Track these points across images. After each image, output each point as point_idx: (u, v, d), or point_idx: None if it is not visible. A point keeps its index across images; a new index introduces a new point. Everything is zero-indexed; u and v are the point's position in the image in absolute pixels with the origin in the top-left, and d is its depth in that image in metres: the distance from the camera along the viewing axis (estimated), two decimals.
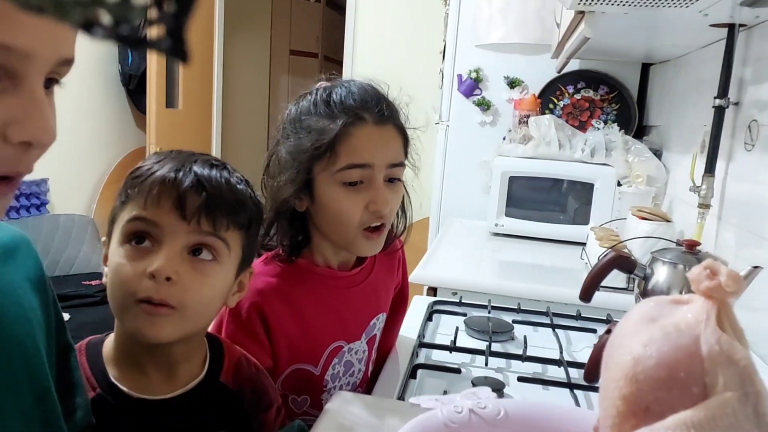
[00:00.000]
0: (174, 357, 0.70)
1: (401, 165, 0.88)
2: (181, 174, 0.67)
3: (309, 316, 0.90)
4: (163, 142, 3.09)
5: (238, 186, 0.71)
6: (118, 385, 0.68)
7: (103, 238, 0.72)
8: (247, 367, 0.78)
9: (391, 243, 0.97)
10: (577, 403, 0.89)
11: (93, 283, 2.75)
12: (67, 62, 0.43)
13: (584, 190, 1.91)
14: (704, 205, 1.29)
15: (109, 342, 0.72)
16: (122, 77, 3.26)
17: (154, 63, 3.00)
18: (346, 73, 3.09)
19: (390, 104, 0.88)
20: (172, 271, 0.64)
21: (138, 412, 0.68)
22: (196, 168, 0.68)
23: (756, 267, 0.86)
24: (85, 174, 3.18)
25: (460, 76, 2.29)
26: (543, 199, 1.99)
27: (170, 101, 3.24)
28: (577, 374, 0.98)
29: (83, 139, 3.06)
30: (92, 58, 3.07)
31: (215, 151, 3.75)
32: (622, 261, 0.95)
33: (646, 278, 0.93)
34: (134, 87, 3.25)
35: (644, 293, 0.92)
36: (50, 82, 0.43)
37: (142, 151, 3.16)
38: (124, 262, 0.66)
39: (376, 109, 0.85)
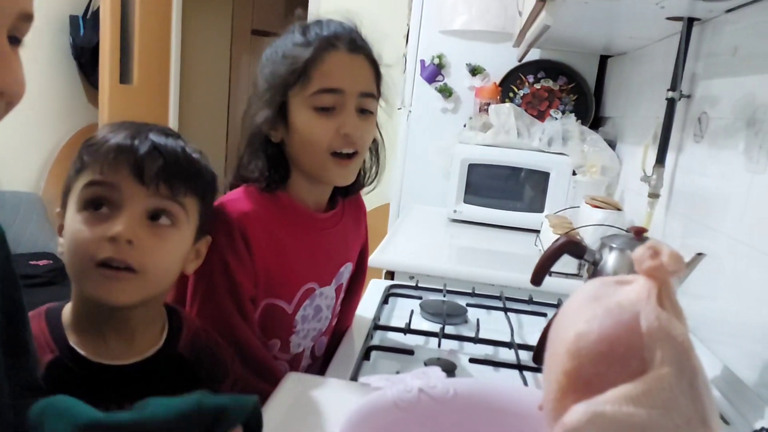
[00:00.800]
0: (133, 323, 0.71)
1: (373, 96, 0.90)
2: (137, 141, 0.68)
3: (287, 249, 0.92)
4: (117, 119, 2.93)
5: (193, 155, 0.73)
6: (77, 349, 0.68)
7: (57, 209, 0.71)
8: (205, 339, 0.79)
9: (361, 186, 1.02)
10: (526, 384, 0.91)
11: (41, 263, 2.66)
12: (27, 18, 0.43)
13: (540, 179, 1.94)
14: (654, 195, 1.33)
15: (68, 309, 0.71)
16: (73, 50, 3.12)
17: (108, 36, 2.89)
18: None
19: (362, 37, 0.91)
20: (133, 235, 0.65)
21: (95, 377, 0.68)
22: (152, 136, 0.69)
23: (700, 254, 0.89)
24: (33, 150, 3.06)
25: (423, 62, 2.29)
26: (501, 186, 2.02)
27: (124, 77, 3.12)
28: (526, 356, 1.00)
29: (31, 114, 2.93)
30: (42, 29, 2.94)
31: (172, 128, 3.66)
32: (572, 246, 0.97)
33: (595, 263, 0.95)
34: (86, 61, 3.13)
35: (593, 278, 0.94)
36: (12, 40, 0.43)
37: (94, 128, 3.04)
38: (82, 227, 0.66)
39: (349, 38, 0.88)
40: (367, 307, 1.20)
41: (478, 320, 1.13)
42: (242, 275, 0.87)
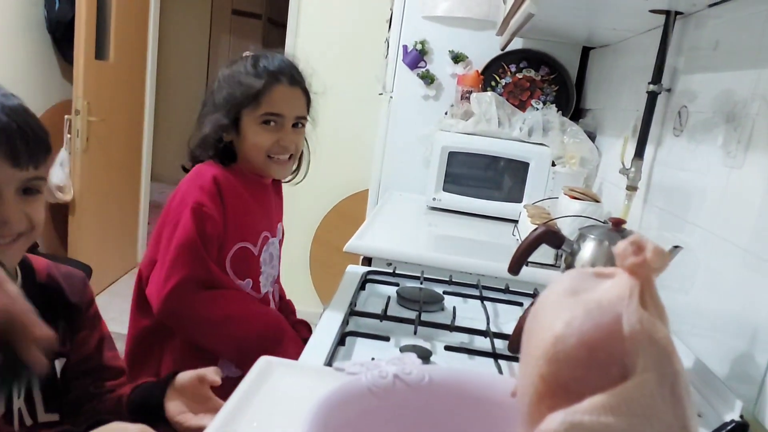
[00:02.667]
0: None
1: (304, 118, 1.22)
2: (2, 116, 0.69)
3: (248, 201, 1.19)
4: (92, 96, 2.92)
5: (34, 116, 0.76)
6: None
7: None
8: (57, 269, 0.87)
9: (294, 176, 1.31)
10: (501, 372, 0.91)
11: None
12: None
13: (520, 169, 1.95)
14: (632, 188, 1.34)
15: None
16: (48, 24, 3.03)
17: (84, 10, 2.80)
18: (290, 38, 3.01)
19: (299, 72, 1.20)
20: (19, 213, 0.72)
21: None
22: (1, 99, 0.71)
23: (676, 246, 0.90)
24: None
25: (405, 47, 2.27)
26: (480, 176, 2.01)
27: (100, 52, 3.04)
28: (501, 345, 1.00)
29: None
30: (15, 2, 2.85)
31: (148, 107, 3.58)
32: (550, 236, 0.97)
33: (572, 254, 0.95)
34: (61, 35, 3.04)
35: (570, 268, 0.94)
36: None
37: (68, 104, 2.97)
38: None
39: (290, 74, 1.17)
40: (343, 292, 1.19)
41: (454, 308, 1.13)
42: (215, 211, 1.11)
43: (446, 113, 2.20)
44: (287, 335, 1.17)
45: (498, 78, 2.22)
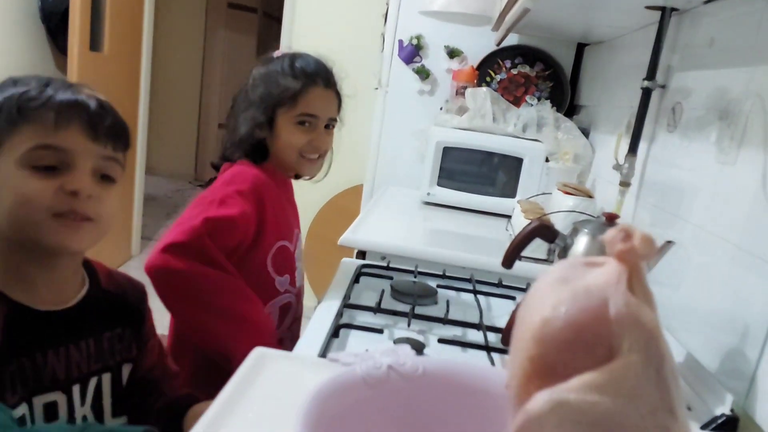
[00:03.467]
0: (66, 272, 0.76)
1: (335, 119, 1.26)
2: (83, 97, 0.72)
3: (281, 201, 1.24)
4: None
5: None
6: (22, 302, 0.71)
7: None
8: (117, 274, 0.87)
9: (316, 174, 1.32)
10: (493, 365, 0.92)
11: None
12: None
13: (514, 164, 1.95)
14: (625, 184, 1.34)
15: None
16: (42, 14, 3.01)
17: (78, 1, 2.79)
18: (285, 32, 3.00)
19: (333, 74, 1.24)
20: (91, 189, 0.71)
21: (46, 324, 0.73)
22: (88, 91, 0.73)
23: (669, 242, 0.90)
24: None
25: (401, 42, 2.27)
26: (474, 171, 2.02)
27: (95, 44, 3.02)
28: (494, 338, 1.00)
29: None
30: None
31: (143, 99, 3.56)
32: (544, 230, 0.97)
33: (566, 248, 0.95)
34: (55, 26, 3.02)
35: None
36: None
37: None
38: (31, 181, 0.69)
39: (326, 77, 1.21)
40: (338, 285, 1.20)
41: (448, 302, 1.13)
42: (246, 212, 1.09)
43: (441, 108, 2.20)
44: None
45: (493, 73, 2.22)
